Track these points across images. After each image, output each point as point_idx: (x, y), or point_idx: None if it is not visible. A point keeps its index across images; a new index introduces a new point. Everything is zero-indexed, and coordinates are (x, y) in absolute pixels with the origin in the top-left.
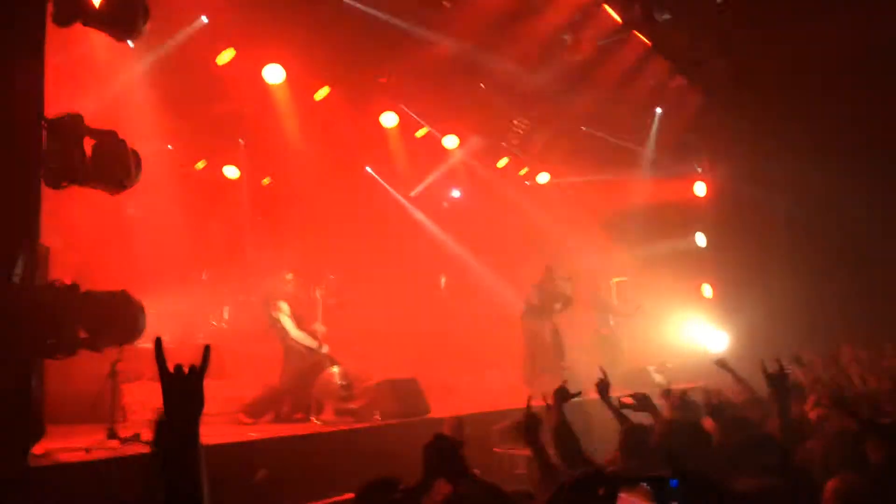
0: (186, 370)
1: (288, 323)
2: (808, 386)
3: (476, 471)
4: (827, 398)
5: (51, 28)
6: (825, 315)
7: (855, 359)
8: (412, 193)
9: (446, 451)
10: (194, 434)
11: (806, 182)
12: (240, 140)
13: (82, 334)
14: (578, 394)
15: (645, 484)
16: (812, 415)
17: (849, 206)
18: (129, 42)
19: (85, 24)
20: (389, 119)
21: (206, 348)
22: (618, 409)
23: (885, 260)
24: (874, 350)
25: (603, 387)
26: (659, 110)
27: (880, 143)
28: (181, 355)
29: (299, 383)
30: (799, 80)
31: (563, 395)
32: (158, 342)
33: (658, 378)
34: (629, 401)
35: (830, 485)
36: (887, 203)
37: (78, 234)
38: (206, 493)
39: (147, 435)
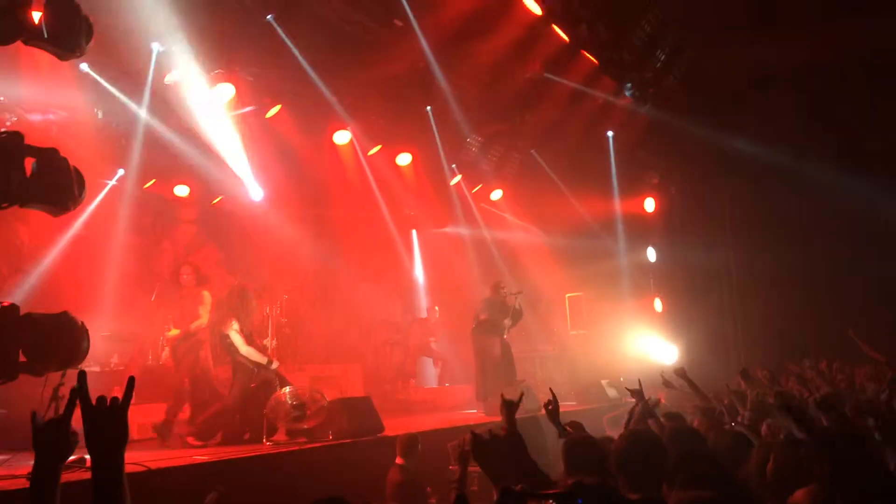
0: (109, 402)
1: (237, 339)
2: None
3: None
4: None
5: None
6: (774, 330)
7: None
8: None
9: None
10: (119, 465)
11: (755, 194)
12: None
13: (22, 358)
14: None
15: (552, 500)
16: (763, 428)
17: (802, 215)
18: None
19: (26, 43)
20: (342, 137)
21: (130, 380)
22: (565, 430)
23: (836, 274)
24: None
25: (551, 408)
26: (610, 133)
27: (833, 154)
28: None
29: (249, 402)
30: (749, 94)
31: (510, 405)
32: (82, 375)
33: (611, 392)
34: (568, 430)
35: (798, 496)
36: (838, 214)
37: (24, 257)
38: None
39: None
